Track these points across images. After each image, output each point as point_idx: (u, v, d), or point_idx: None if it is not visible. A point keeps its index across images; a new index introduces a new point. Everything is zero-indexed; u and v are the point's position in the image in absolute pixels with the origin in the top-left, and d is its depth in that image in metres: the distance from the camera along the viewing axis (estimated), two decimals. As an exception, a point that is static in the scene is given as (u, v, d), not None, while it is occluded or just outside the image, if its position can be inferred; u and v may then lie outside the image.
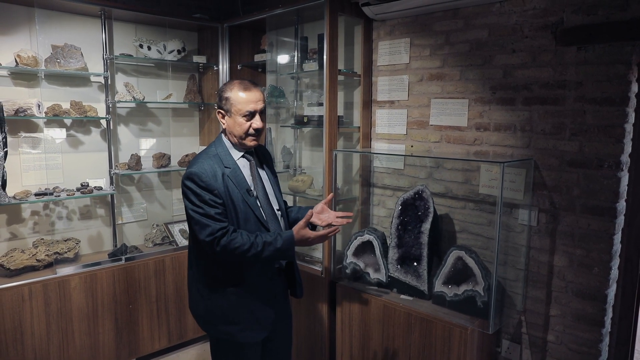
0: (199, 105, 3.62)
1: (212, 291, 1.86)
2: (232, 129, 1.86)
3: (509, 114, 2.33)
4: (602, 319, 2.12)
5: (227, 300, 1.85)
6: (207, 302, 1.87)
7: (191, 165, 1.81)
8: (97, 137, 3.17)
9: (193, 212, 1.76)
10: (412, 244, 2.47)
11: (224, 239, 1.74)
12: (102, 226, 3.25)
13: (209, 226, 1.74)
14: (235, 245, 1.74)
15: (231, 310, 1.86)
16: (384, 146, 2.88)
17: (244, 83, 1.86)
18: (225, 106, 1.86)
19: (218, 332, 1.90)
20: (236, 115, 1.83)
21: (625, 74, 1.98)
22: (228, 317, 1.86)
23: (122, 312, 2.98)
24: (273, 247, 1.78)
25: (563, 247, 2.20)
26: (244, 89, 1.84)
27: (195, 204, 1.76)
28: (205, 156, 1.85)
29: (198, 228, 1.75)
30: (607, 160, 2.04)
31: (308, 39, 3.05)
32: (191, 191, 1.76)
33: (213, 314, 1.88)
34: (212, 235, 1.73)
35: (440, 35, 2.56)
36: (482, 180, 2.46)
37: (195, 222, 1.76)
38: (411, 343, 2.35)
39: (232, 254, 1.75)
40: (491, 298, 2.13)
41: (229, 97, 1.84)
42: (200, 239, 1.75)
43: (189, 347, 3.40)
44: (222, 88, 1.89)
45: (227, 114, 1.86)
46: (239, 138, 1.87)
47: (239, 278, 1.85)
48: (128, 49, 3.21)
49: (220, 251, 1.74)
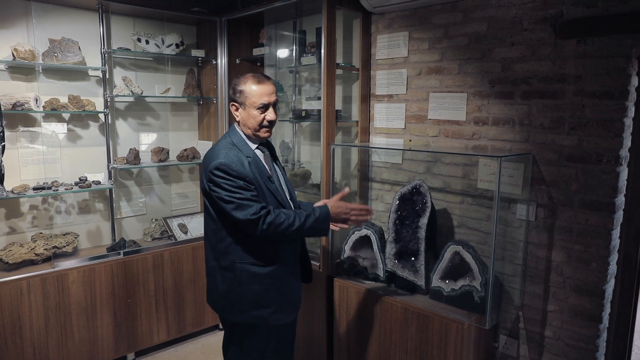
0: (197, 99, 3.61)
1: (246, 277, 1.90)
2: (246, 121, 1.91)
3: (507, 108, 2.31)
4: (599, 314, 2.11)
5: (260, 284, 1.90)
6: (238, 289, 1.90)
7: (215, 156, 1.84)
8: (96, 131, 3.17)
9: (230, 197, 1.80)
10: (409, 239, 2.46)
11: (269, 217, 1.81)
12: (101, 220, 3.25)
13: (252, 206, 1.80)
14: (280, 221, 1.82)
15: (264, 294, 1.91)
16: (383, 140, 2.87)
17: (257, 76, 1.91)
18: (239, 99, 1.90)
19: (249, 317, 1.92)
20: (250, 107, 1.88)
21: (625, 68, 1.95)
22: (261, 302, 1.91)
23: (120, 306, 2.99)
24: (313, 217, 1.87)
25: (561, 242, 2.19)
26: (257, 82, 1.89)
27: (231, 191, 1.80)
28: (226, 146, 1.89)
29: (239, 210, 1.79)
30: (606, 154, 2.02)
31: (306, 32, 3.03)
32: (224, 180, 1.80)
33: (245, 301, 1.91)
34: (256, 213, 1.79)
35: (439, 29, 2.53)
36: (481, 175, 2.44)
37: (234, 206, 1.80)
38: (408, 338, 2.35)
39: (276, 230, 1.81)
40: (488, 293, 2.13)
41: (243, 90, 1.88)
42: (244, 219, 1.79)
43: (188, 341, 3.41)
44: (236, 81, 1.93)
45: (240, 106, 1.91)
46: (253, 130, 1.92)
47: (272, 261, 1.92)
48: (126, 42, 3.20)
49: (265, 228, 1.80)
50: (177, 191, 3.64)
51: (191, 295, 3.33)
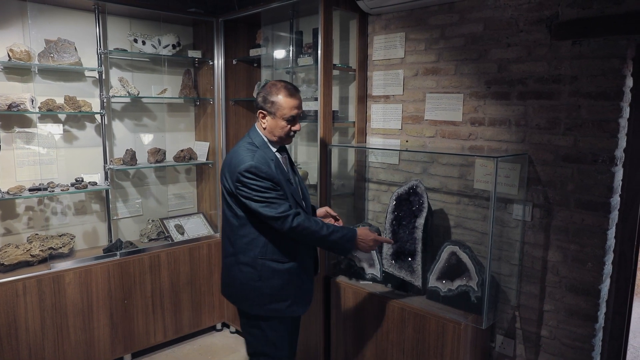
0: (194, 100, 3.61)
1: (267, 272, 2.00)
2: (273, 129, 2.01)
3: (503, 108, 2.32)
4: (595, 314, 2.12)
5: (280, 278, 2.01)
6: (259, 284, 2.00)
7: (242, 159, 1.93)
8: (92, 132, 3.16)
9: (260, 197, 1.90)
10: (406, 239, 2.47)
11: (299, 217, 1.93)
12: (97, 221, 3.24)
13: (283, 204, 1.91)
14: (309, 224, 1.94)
15: (283, 288, 2.02)
16: (379, 141, 2.87)
17: (289, 89, 2.00)
18: (269, 108, 1.99)
19: (267, 310, 2.03)
20: (279, 118, 1.99)
21: (620, 68, 1.97)
22: (279, 295, 2.02)
23: (117, 307, 2.98)
24: (340, 234, 2.02)
25: (557, 242, 2.20)
26: (289, 95, 1.98)
27: (260, 191, 1.90)
28: (251, 148, 1.99)
29: (269, 208, 1.90)
30: (602, 155, 2.03)
31: (303, 33, 3.03)
32: (253, 182, 1.90)
33: (264, 295, 2.01)
34: (286, 212, 1.90)
35: (435, 30, 2.54)
36: (477, 175, 2.45)
37: (265, 205, 1.90)
38: (405, 338, 2.35)
39: (302, 231, 1.93)
40: (484, 293, 2.13)
41: (275, 101, 1.97)
42: (274, 215, 1.89)
43: (185, 342, 3.40)
44: (268, 90, 1.99)
45: (269, 115, 2.00)
46: (278, 137, 2.03)
47: (292, 258, 2.03)
48: (122, 43, 3.19)
49: (295, 226, 1.91)
50: (173, 192, 3.64)
51: (188, 296, 3.33)
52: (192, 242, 3.35)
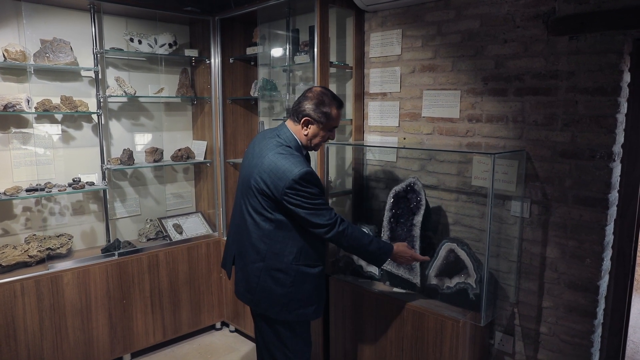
0: (191, 99, 3.60)
1: (300, 278, 2.00)
2: (313, 137, 2.05)
3: (501, 105, 2.31)
4: (594, 310, 2.12)
5: (312, 283, 2.04)
6: (290, 289, 2.00)
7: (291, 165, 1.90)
8: (89, 132, 3.15)
9: (311, 204, 1.91)
10: (404, 237, 2.46)
11: (344, 224, 1.97)
12: (96, 221, 3.23)
13: (329, 211, 1.95)
14: (351, 231, 1.99)
15: (312, 293, 2.04)
16: (377, 139, 2.86)
17: (339, 101, 2.06)
18: (320, 118, 2.00)
19: (296, 315, 2.03)
20: (325, 129, 2.04)
21: (617, 64, 1.96)
22: (309, 300, 2.04)
23: (116, 307, 2.98)
24: (378, 245, 2.07)
25: (555, 238, 2.19)
26: (339, 107, 2.05)
27: (312, 198, 1.92)
28: (292, 152, 1.99)
29: (318, 217, 1.92)
30: (599, 150, 2.03)
31: (299, 31, 3.02)
32: (308, 189, 1.90)
33: (295, 300, 2.01)
34: (332, 218, 1.94)
35: (432, 26, 2.53)
36: (475, 172, 2.44)
37: (312, 212, 1.91)
38: (404, 336, 2.35)
39: (346, 237, 1.97)
40: (483, 291, 2.13)
41: (329, 113, 2.01)
42: (321, 222, 1.93)
43: (184, 341, 3.40)
44: (320, 100, 2.00)
45: (316, 124, 2.02)
46: (314, 145, 2.07)
47: (320, 262, 2.07)
48: (119, 42, 3.18)
49: (341, 231, 1.95)
50: (172, 191, 3.63)
51: (187, 296, 3.32)
52: (191, 241, 3.34)
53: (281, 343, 2.11)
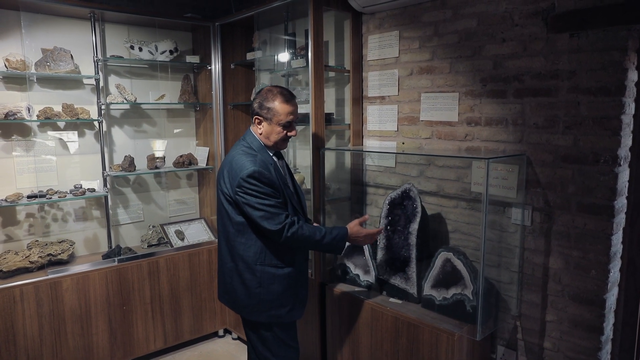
0: (194, 105, 3.60)
1: (267, 279, 2.01)
2: (269, 134, 2.03)
3: (500, 107, 2.20)
4: (601, 325, 1.98)
5: (281, 284, 2.02)
6: (259, 290, 2.01)
7: (243, 164, 1.93)
8: (91, 139, 3.18)
9: (260, 205, 1.91)
10: (401, 245, 2.37)
11: (293, 227, 1.93)
12: (98, 228, 3.26)
13: (278, 215, 1.92)
14: (302, 232, 1.95)
15: (283, 294, 2.03)
16: (375, 143, 2.78)
17: (285, 94, 2.01)
18: (266, 115, 2.00)
19: (267, 316, 2.04)
20: (275, 124, 2.00)
21: (621, 61, 1.83)
22: (280, 301, 2.03)
23: (115, 313, 2.98)
24: (331, 236, 2.02)
25: (558, 248, 2.06)
26: (285, 101, 1.99)
27: (262, 198, 1.91)
28: (250, 152, 1.99)
29: (267, 220, 1.91)
30: (603, 154, 1.90)
31: (296, 35, 2.98)
32: (255, 187, 1.91)
33: (264, 301, 2.02)
34: (281, 223, 1.91)
35: (428, 27, 2.44)
36: (474, 178, 2.33)
37: (262, 215, 1.91)
38: (399, 349, 2.25)
39: (298, 240, 1.95)
40: (479, 303, 2.02)
41: (272, 107, 1.99)
42: (271, 228, 1.91)
43: (186, 348, 3.38)
44: (264, 96, 2.01)
45: (265, 121, 2.01)
46: (274, 142, 2.04)
47: (290, 263, 2.05)
48: (120, 50, 3.21)
49: (289, 236, 1.92)
50: (175, 197, 3.63)
51: (188, 302, 3.31)
52: (192, 247, 3.33)
53: (264, 347, 2.12)
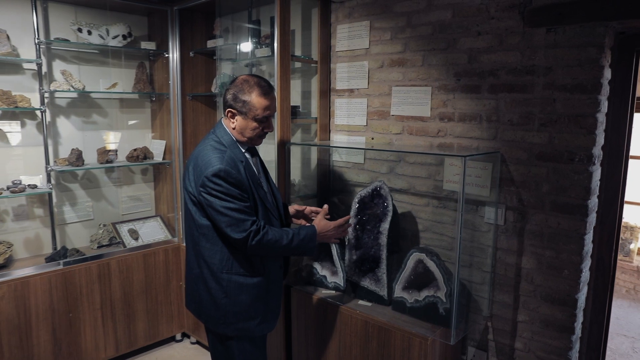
0: (150, 95, 3.35)
1: (234, 288, 1.81)
2: (243, 129, 1.82)
3: (474, 102, 2.14)
4: (572, 325, 1.96)
5: (249, 295, 1.83)
6: (226, 300, 1.82)
7: (210, 160, 1.72)
8: (33, 130, 2.88)
9: (224, 208, 1.71)
10: (370, 245, 2.27)
11: (258, 235, 1.74)
12: (41, 227, 2.96)
13: (243, 221, 1.72)
14: (268, 238, 1.76)
15: (251, 305, 1.84)
16: (344, 138, 2.67)
17: (263, 86, 1.80)
18: (241, 108, 1.79)
19: (234, 330, 1.85)
20: (251, 119, 1.80)
21: (597, 59, 1.79)
22: (248, 313, 1.84)
23: (60, 321, 2.72)
24: (299, 237, 1.83)
25: (531, 247, 2.03)
26: (264, 94, 1.78)
27: (227, 200, 1.71)
28: (219, 148, 1.78)
29: (230, 226, 1.72)
30: (578, 153, 1.86)
31: (261, 23, 2.81)
32: (220, 187, 1.71)
33: (231, 313, 1.82)
34: (246, 230, 1.72)
35: (401, 17, 2.34)
36: (446, 175, 2.26)
37: (227, 219, 1.72)
38: (369, 353, 2.16)
39: (264, 247, 1.76)
40: (453, 306, 1.95)
41: (247, 101, 1.78)
42: (234, 236, 1.72)
43: (140, 355, 3.16)
44: (239, 87, 1.79)
45: (240, 114, 1.80)
46: (248, 138, 1.84)
47: (260, 272, 1.85)
48: (66, 33, 2.91)
49: (254, 244, 1.73)
50: (128, 194, 3.38)
51: (143, 306, 3.08)
52: (147, 247, 3.10)
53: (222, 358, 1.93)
